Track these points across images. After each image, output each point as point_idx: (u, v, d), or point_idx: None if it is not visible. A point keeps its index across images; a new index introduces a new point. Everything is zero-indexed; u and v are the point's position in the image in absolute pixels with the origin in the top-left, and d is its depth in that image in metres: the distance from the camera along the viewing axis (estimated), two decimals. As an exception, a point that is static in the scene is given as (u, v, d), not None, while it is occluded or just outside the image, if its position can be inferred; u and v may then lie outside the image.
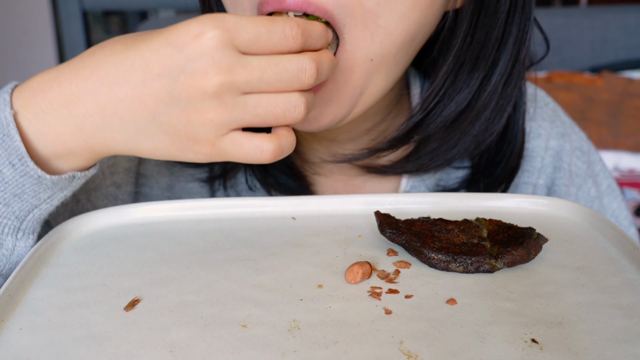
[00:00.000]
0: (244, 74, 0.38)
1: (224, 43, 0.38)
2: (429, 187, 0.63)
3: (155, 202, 0.50)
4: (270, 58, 0.39)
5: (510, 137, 0.60)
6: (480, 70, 0.54)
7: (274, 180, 0.62)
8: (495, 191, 0.61)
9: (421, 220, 0.46)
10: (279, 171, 0.62)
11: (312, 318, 0.36)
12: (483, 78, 0.55)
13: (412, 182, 0.63)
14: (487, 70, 0.55)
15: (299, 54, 0.40)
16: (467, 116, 0.56)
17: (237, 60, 0.38)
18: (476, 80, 0.55)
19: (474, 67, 0.54)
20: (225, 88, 0.38)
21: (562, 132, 0.69)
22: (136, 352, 0.34)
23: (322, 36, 0.43)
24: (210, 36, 0.38)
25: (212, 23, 0.38)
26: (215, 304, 0.38)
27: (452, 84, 0.55)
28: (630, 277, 0.40)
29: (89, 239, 0.46)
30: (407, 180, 0.63)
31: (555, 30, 1.72)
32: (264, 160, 0.40)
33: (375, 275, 0.41)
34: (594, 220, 0.47)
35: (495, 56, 0.54)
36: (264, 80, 0.39)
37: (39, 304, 0.38)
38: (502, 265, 0.41)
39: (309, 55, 0.40)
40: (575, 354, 0.33)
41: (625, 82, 1.63)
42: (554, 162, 0.68)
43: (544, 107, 0.69)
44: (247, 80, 0.39)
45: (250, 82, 0.39)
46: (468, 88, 0.55)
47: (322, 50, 0.43)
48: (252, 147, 0.40)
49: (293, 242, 0.46)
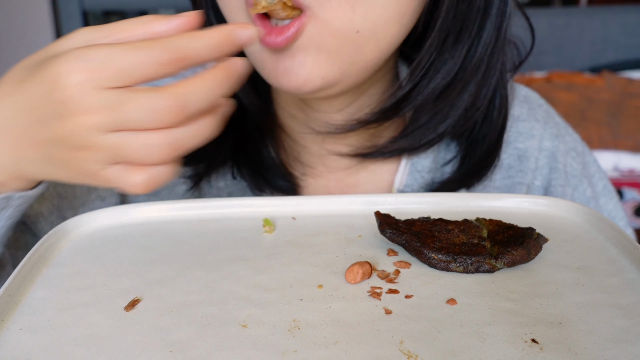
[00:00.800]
0: (106, 114, 0.38)
1: (86, 85, 0.38)
2: (422, 186, 0.64)
3: (155, 202, 0.50)
4: (130, 94, 0.38)
5: (491, 117, 0.61)
6: (465, 42, 0.56)
7: (264, 181, 0.62)
8: (477, 178, 0.63)
9: (421, 220, 0.46)
10: (268, 172, 0.62)
11: (312, 318, 0.36)
12: (468, 49, 0.56)
13: (406, 179, 0.63)
14: (471, 41, 0.56)
15: (154, 90, 0.38)
16: (455, 87, 0.57)
17: (99, 101, 0.38)
18: (461, 51, 0.56)
19: (458, 38, 0.56)
20: (92, 129, 0.38)
21: (555, 133, 0.69)
22: (136, 352, 0.34)
23: (202, 44, 0.40)
24: (72, 82, 0.38)
25: (75, 65, 0.38)
26: (215, 304, 0.38)
27: (438, 56, 0.56)
28: (630, 277, 0.40)
29: (89, 239, 0.46)
30: (401, 176, 0.64)
31: (555, 30, 1.72)
32: (139, 192, 0.40)
33: (375, 275, 0.41)
34: (594, 220, 0.47)
35: (479, 27, 0.56)
36: (124, 120, 0.38)
37: (39, 304, 0.38)
38: (502, 265, 0.41)
39: (164, 91, 0.38)
40: (575, 354, 0.33)
41: (625, 82, 1.63)
42: (549, 163, 0.68)
43: (537, 109, 0.70)
44: (109, 120, 0.38)
45: (113, 122, 0.38)
46: (453, 59, 0.56)
47: (209, 70, 0.40)
48: (125, 180, 0.40)
49: (293, 242, 0.46)
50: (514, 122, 0.68)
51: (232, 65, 0.40)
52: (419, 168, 0.64)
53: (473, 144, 0.63)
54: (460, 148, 0.64)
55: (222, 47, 0.40)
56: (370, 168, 0.65)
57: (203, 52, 0.39)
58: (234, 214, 0.50)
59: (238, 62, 0.41)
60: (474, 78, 0.57)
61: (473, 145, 0.63)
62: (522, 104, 0.69)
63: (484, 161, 0.63)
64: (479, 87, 0.58)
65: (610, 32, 1.73)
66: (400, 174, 0.64)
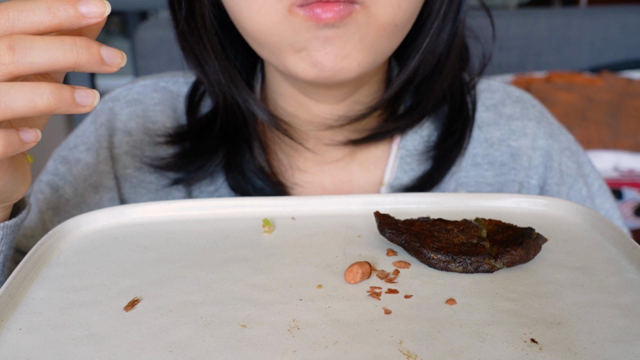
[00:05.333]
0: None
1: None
2: (411, 178, 0.65)
3: (155, 202, 0.50)
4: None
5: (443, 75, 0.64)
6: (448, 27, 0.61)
7: (250, 185, 0.63)
8: (457, 151, 0.66)
9: (421, 220, 0.46)
10: (253, 174, 0.63)
11: (311, 318, 0.36)
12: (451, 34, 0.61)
13: (396, 172, 0.65)
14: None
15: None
16: (436, 72, 0.62)
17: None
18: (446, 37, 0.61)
19: (443, 25, 0.60)
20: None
21: (549, 132, 0.70)
22: (136, 352, 0.34)
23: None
24: None
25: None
26: (215, 304, 0.38)
27: (429, 44, 0.60)
28: (629, 277, 0.40)
29: (89, 239, 0.47)
30: (392, 168, 0.66)
31: (555, 30, 1.72)
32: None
33: (375, 275, 0.41)
34: (593, 220, 0.47)
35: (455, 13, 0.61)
36: None
37: (39, 304, 0.38)
38: (501, 265, 0.41)
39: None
40: (574, 354, 0.33)
41: (625, 82, 1.63)
42: (544, 161, 0.69)
43: (530, 108, 0.71)
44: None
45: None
46: (439, 46, 0.61)
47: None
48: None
49: (293, 242, 0.46)
50: (506, 121, 0.69)
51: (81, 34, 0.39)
52: (410, 148, 0.66)
53: (451, 119, 0.67)
54: (438, 123, 0.67)
55: (59, 7, 0.36)
56: (362, 158, 0.67)
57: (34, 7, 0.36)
58: (233, 214, 0.50)
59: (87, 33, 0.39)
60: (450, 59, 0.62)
61: (450, 119, 0.67)
62: (515, 104, 0.71)
63: (461, 132, 0.66)
64: (442, 24, 0.61)
65: (610, 32, 1.73)
66: (392, 160, 0.66)
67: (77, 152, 0.68)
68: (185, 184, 0.65)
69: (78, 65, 0.37)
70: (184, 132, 0.65)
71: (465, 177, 0.67)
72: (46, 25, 0.36)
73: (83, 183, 0.66)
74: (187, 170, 0.64)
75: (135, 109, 0.68)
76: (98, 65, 0.37)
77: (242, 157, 0.63)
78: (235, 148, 0.63)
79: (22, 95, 0.36)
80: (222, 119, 0.63)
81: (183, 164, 0.64)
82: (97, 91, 0.39)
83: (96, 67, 0.38)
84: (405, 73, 0.61)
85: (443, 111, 0.67)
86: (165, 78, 0.71)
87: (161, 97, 0.69)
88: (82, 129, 0.69)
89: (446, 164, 0.65)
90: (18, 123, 0.41)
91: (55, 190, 0.66)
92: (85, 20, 0.37)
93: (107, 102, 0.69)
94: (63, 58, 0.36)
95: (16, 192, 0.45)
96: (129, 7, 2.14)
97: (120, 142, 0.67)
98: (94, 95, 0.38)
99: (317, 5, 0.50)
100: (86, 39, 0.37)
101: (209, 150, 0.63)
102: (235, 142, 0.63)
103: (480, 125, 0.68)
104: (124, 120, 0.68)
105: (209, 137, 0.64)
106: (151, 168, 0.66)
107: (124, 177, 0.67)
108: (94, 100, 0.38)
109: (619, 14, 1.75)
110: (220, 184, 0.65)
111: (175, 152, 0.65)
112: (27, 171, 0.45)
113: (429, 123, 0.67)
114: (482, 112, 0.69)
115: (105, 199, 0.66)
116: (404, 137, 0.66)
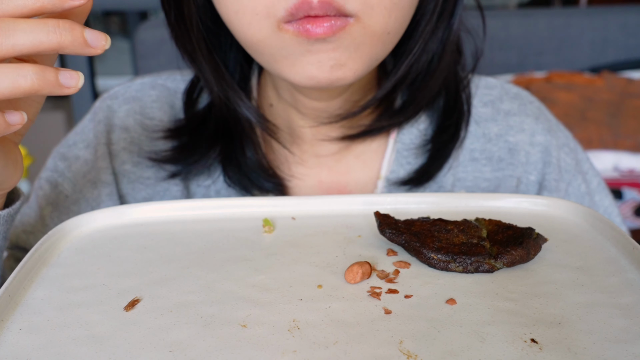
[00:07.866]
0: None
1: None
2: (408, 172, 0.65)
3: (155, 202, 0.50)
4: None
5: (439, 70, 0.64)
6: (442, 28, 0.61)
7: (246, 178, 0.64)
8: (453, 143, 0.66)
9: (421, 220, 0.46)
10: (249, 167, 0.64)
11: (311, 318, 0.36)
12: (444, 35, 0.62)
13: (393, 165, 0.65)
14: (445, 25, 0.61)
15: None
16: (431, 69, 0.62)
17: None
18: (440, 37, 0.61)
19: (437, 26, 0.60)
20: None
21: (547, 128, 0.70)
22: (136, 352, 0.34)
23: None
24: None
25: None
26: (215, 304, 0.38)
27: (424, 44, 0.61)
28: (629, 277, 0.40)
29: (89, 239, 0.47)
30: (389, 161, 0.66)
31: (555, 30, 1.72)
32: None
33: (375, 275, 0.41)
34: (593, 220, 0.47)
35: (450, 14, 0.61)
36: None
37: (39, 304, 0.38)
38: (501, 265, 0.41)
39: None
40: (574, 353, 0.33)
41: (625, 82, 1.63)
42: (543, 157, 0.69)
43: (527, 105, 0.71)
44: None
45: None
46: (434, 45, 0.61)
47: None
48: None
49: (293, 242, 0.46)
50: (504, 116, 0.70)
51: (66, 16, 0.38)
52: (406, 141, 0.66)
53: (447, 110, 0.67)
54: (434, 117, 0.68)
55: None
56: (359, 151, 0.67)
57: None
58: (233, 214, 0.50)
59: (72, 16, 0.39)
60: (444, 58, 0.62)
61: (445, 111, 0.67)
62: (513, 100, 0.71)
63: (456, 126, 0.66)
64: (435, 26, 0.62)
65: (610, 32, 1.73)
66: (389, 154, 0.66)
67: (76, 149, 0.68)
68: (182, 178, 0.66)
69: (61, 47, 0.37)
70: (182, 126, 0.66)
71: (463, 172, 0.68)
72: (29, 8, 0.36)
73: (82, 179, 0.67)
74: (184, 163, 0.64)
75: (133, 106, 0.69)
76: (82, 47, 0.37)
77: (238, 150, 0.64)
78: (232, 142, 0.64)
79: (6, 76, 0.36)
80: (217, 114, 0.64)
81: (181, 157, 0.64)
82: (81, 73, 0.38)
83: (80, 49, 0.37)
84: (398, 72, 0.61)
85: (438, 105, 0.67)
86: (163, 76, 0.71)
87: (159, 94, 0.69)
88: (81, 126, 0.69)
89: (442, 157, 0.65)
90: (5, 106, 0.41)
91: (55, 186, 0.66)
92: (68, 2, 0.37)
93: (106, 100, 0.70)
94: (46, 40, 0.36)
95: (7, 180, 0.44)
96: (129, 7, 2.13)
97: (118, 139, 0.68)
98: (78, 76, 0.38)
99: (307, 20, 0.50)
100: (70, 22, 0.37)
101: (206, 144, 0.64)
102: (231, 136, 0.64)
103: (478, 120, 0.68)
104: (121, 117, 0.68)
105: (206, 131, 0.64)
106: (149, 162, 0.66)
107: (121, 172, 0.68)
108: (78, 81, 0.38)
109: (619, 14, 1.75)
110: (217, 177, 0.65)
111: (173, 145, 0.65)
112: (18, 160, 0.45)
113: (425, 117, 0.67)
114: (480, 107, 0.69)
115: (104, 195, 0.67)
116: (401, 130, 0.66)
